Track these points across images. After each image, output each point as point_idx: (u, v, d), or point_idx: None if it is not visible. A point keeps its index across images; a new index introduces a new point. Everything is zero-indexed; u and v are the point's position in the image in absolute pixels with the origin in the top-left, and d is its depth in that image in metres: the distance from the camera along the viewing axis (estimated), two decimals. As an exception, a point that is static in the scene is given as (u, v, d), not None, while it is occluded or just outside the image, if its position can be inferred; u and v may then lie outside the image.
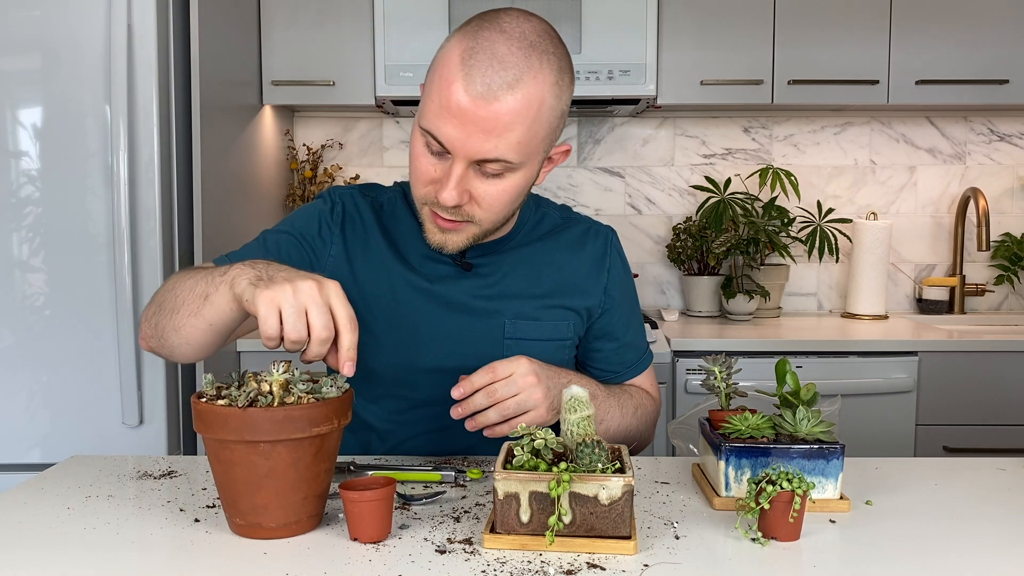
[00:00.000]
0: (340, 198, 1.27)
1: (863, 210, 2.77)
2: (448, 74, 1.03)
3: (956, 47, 2.40)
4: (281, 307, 0.89)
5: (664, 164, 2.77)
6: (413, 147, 1.11)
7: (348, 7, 2.37)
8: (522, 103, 1.03)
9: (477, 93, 1.01)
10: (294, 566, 0.83)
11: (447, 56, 1.05)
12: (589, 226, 1.34)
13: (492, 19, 1.07)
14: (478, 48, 1.03)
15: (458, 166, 1.06)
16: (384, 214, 1.28)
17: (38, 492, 1.05)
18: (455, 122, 1.03)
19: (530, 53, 1.04)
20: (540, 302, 1.26)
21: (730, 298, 2.54)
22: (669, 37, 2.39)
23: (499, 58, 1.02)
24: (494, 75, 1.02)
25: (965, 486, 1.08)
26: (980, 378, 2.20)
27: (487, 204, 1.10)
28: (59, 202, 1.87)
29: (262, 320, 0.90)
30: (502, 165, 1.06)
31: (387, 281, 1.23)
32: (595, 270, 1.30)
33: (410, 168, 1.13)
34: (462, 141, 1.03)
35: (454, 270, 1.24)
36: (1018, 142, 2.77)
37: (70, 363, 1.90)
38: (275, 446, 0.86)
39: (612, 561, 0.84)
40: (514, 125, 1.03)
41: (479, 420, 1.08)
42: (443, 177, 1.07)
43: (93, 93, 1.86)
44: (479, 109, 1.02)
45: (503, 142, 1.04)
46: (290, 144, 2.70)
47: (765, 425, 1.02)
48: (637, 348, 1.36)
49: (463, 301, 1.23)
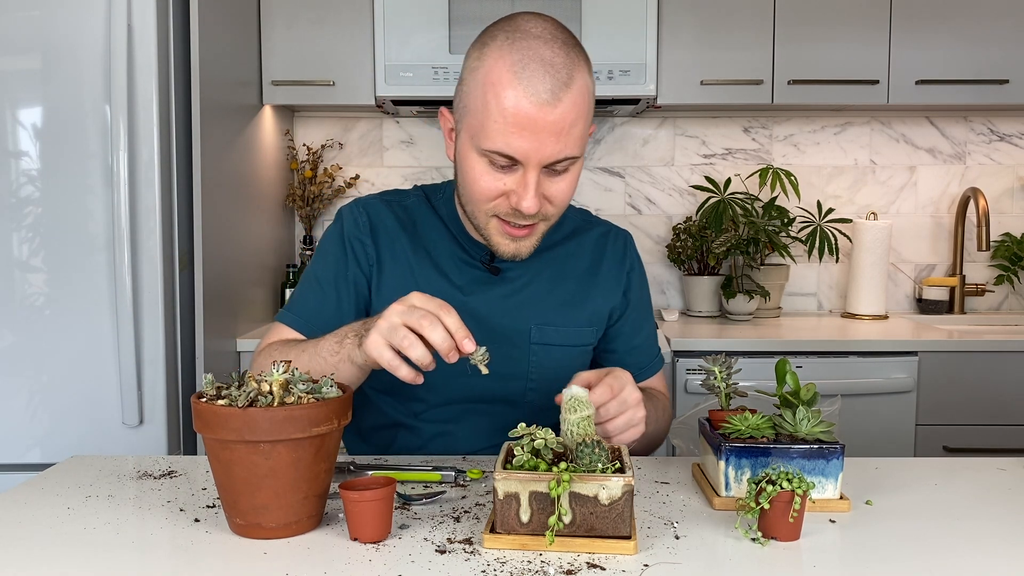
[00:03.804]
0: (363, 208, 1.29)
1: (863, 210, 2.77)
2: (504, 90, 1.04)
3: (956, 47, 2.40)
4: (387, 339, 0.96)
5: (664, 164, 2.77)
6: (472, 169, 1.11)
7: (348, 7, 2.37)
8: (578, 98, 1.06)
9: (542, 101, 1.03)
10: (294, 566, 0.83)
11: (492, 74, 1.06)
12: (608, 229, 1.36)
13: (515, 27, 1.08)
14: (526, 58, 1.04)
15: (532, 174, 1.08)
16: (410, 218, 1.28)
17: (38, 492, 1.05)
18: (525, 134, 1.05)
19: (568, 49, 1.07)
20: (565, 307, 1.27)
21: (730, 298, 2.54)
22: (669, 37, 2.39)
23: (548, 62, 1.04)
24: (551, 79, 1.04)
25: (965, 486, 1.08)
26: (980, 378, 2.20)
27: (559, 200, 1.13)
28: (59, 202, 1.87)
29: (381, 361, 0.96)
30: (569, 161, 1.09)
31: (414, 286, 1.23)
32: (615, 273, 1.32)
33: (468, 188, 1.13)
34: (535, 149, 1.05)
35: (483, 274, 1.25)
36: (1018, 142, 2.77)
37: (70, 363, 1.90)
38: (275, 446, 0.86)
39: (612, 561, 0.84)
40: (577, 121, 1.07)
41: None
42: (516, 188, 1.09)
43: (93, 93, 1.86)
44: (547, 115, 1.04)
45: (570, 139, 1.07)
46: (290, 144, 2.70)
47: (765, 425, 1.02)
48: (650, 351, 1.37)
49: (491, 306, 1.24)
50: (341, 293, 1.25)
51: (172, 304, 1.93)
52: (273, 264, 2.55)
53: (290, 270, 2.55)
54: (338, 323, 1.22)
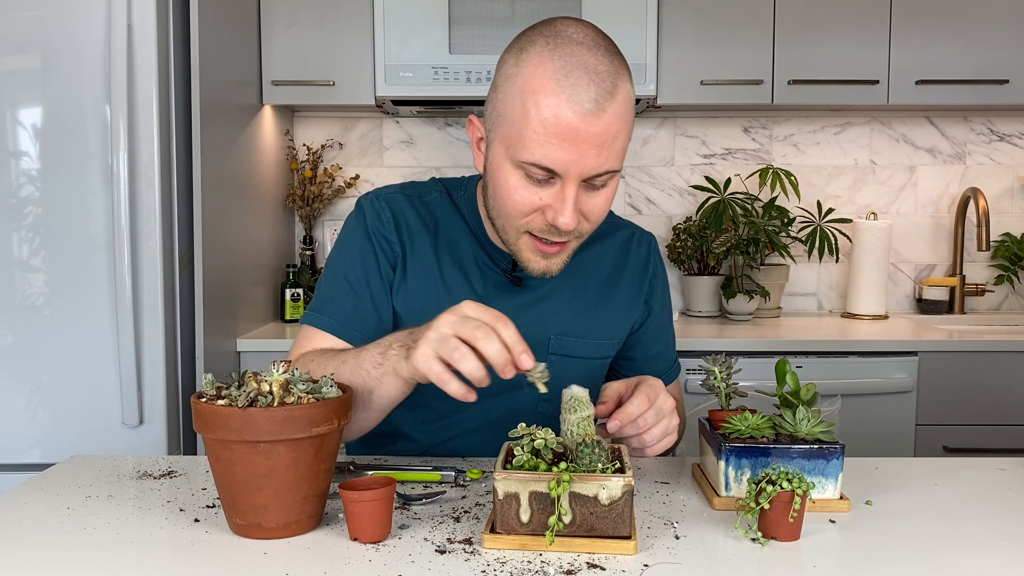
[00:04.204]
0: (386, 203, 1.22)
1: (863, 210, 2.77)
2: (544, 98, 0.98)
3: (956, 47, 2.40)
4: (436, 351, 0.90)
5: (664, 164, 2.77)
6: (505, 182, 1.04)
7: (348, 7, 2.37)
8: (622, 108, 1.00)
9: (586, 111, 0.97)
10: (294, 566, 0.83)
11: (532, 81, 0.99)
12: (632, 232, 1.31)
13: (555, 32, 1.01)
14: (568, 65, 0.98)
15: (571, 187, 1.01)
16: (432, 216, 1.22)
17: (38, 492, 1.05)
18: (566, 145, 0.98)
19: (612, 57, 1.01)
20: (586, 318, 1.23)
21: (730, 298, 2.54)
22: (669, 37, 2.39)
23: (592, 69, 0.98)
24: (595, 88, 0.98)
25: (965, 486, 1.08)
26: (980, 378, 2.20)
27: (595, 216, 1.07)
28: (59, 202, 1.87)
29: (430, 374, 0.91)
30: (609, 175, 1.04)
31: (435, 288, 1.19)
32: (637, 281, 1.28)
33: (501, 202, 1.07)
34: (576, 162, 0.99)
35: (503, 281, 1.20)
36: (1018, 142, 2.77)
37: (70, 363, 1.90)
38: (275, 446, 0.86)
39: (612, 561, 0.84)
40: (620, 133, 1.01)
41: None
42: (553, 203, 1.03)
43: (93, 93, 1.86)
44: (590, 126, 0.98)
45: (612, 152, 1.01)
46: (290, 144, 2.70)
47: (765, 425, 1.02)
48: (668, 359, 1.34)
49: (510, 315, 1.16)
50: (374, 290, 1.19)
51: (172, 304, 1.93)
52: (273, 264, 2.55)
53: (290, 270, 2.55)
54: (375, 322, 1.18)
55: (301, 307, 2.53)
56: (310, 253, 2.70)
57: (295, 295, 2.52)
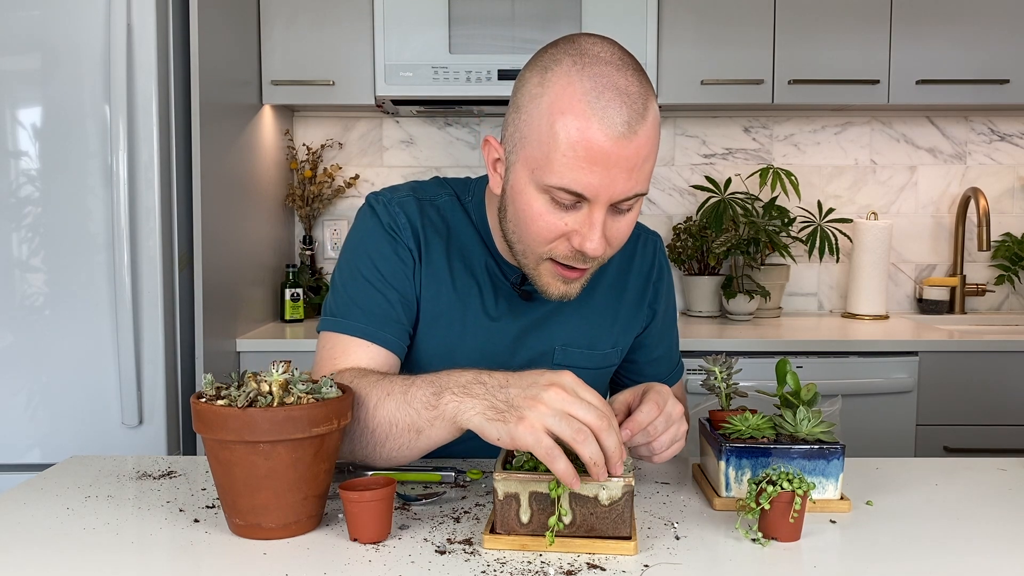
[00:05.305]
0: (399, 206, 1.17)
1: (863, 210, 2.77)
2: (574, 120, 0.94)
3: (956, 47, 2.40)
4: (549, 428, 0.84)
5: (664, 164, 2.77)
6: (528, 206, 1.00)
7: (348, 7, 2.37)
8: (652, 131, 0.97)
9: (619, 133, 0.93)
10: (294, 566, 0.83)
11: (560, 102, 0.95)
12: (638, 233, 1.28)
13: (581, 51, 0.97)
14: (600, 86, 0.94)
15: (599, 212, 0.97)
16: (444, 221, 1.18)
17: (38, 492, 1.05)
18: (597, 169, 0.94)
19: (640, 77, 0.97)
20: (591, 327, 1.21)
21: (730, 298, 2.54)
22: (669, 37, 2.39)
23: (623, 91, 0.94)
24: (627, 110, 0.94)
25: (965, 486, 1.08)
26: (980, 378, 2.20)
27: (618, 241, 1.03)
28: (59, 202, 1.87)
29: (537, 449, 0.84)
30: (636, 198, 1.00)
31: (447, 298, 1.16)
32: (642, 285, 1.26)
33: (524, 228, 1.03)
34: (606, 186, 0.95)
35: (514, 294, 1.18)
36: (1018, 142, 2.77)
37: (70, 363, 1.89)
38: (275, 446, 0.86)
39: (612, 561, 0.84)
40: (650, 155, 0.98)
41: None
42: (580, 228, 0.99)
43: (93, 93, 1.86)
44: (622, 149, 0.94)
45: (641, 175, 0.98)
46: (290, 144, 2.70)
47: (765, 425, 1.01)
48: (670, 361, 1.33)
49: (517, 327, 1.18)
50: (401, 289, 1.14)
51: (172, 304, 1.93)
52: (273, 264, 2.55)
53: (290, 270, 2.54)
54: (405, 324, 1.14)
55: (301, 307, 2.53)
56: (310, 253, 2.70)
57: (295, 295, 2.52)
